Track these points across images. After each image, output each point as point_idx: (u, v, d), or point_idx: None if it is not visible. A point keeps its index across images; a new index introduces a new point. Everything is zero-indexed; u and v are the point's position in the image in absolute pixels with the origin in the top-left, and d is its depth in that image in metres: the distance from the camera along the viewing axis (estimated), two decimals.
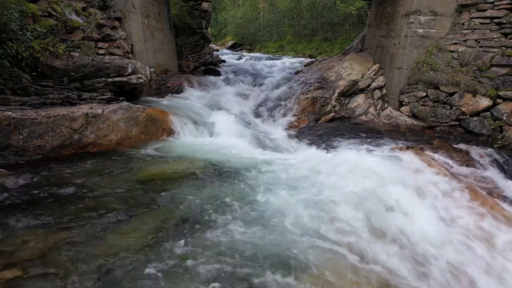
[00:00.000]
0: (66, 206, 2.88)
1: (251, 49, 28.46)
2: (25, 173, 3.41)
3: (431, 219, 3.34)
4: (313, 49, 21.86)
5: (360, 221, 3.09)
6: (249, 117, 7.33)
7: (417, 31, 6.80)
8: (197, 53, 11.85)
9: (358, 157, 4.50)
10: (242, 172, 3.94)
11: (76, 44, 5.39)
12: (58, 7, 5.34)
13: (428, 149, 5.19)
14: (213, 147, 4.94)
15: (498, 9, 6.15)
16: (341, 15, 20.69)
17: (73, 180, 3.37)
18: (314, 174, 3.91)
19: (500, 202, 3.92)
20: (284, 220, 2.99)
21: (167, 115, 5.28)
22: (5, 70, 4.36)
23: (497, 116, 5.72)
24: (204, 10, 11.70)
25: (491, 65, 5.96)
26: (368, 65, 8.42)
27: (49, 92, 4.86)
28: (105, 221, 2.73)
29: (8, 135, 3.69)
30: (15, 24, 4.37)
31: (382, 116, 7.38)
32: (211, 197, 3.28)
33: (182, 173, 3.80)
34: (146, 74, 6.71)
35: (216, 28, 38.26)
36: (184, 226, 2.77)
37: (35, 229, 2.53)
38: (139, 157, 4.23)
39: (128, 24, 6.75)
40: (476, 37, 6.30)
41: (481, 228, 3.36)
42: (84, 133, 4.25)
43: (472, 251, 3.06)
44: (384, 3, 8.27)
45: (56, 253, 2.29)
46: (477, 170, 4.86)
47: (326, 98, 7.52)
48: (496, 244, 3.19)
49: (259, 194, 3.42)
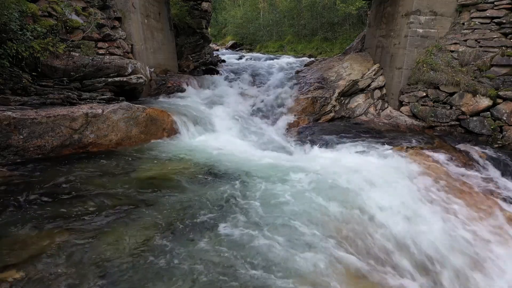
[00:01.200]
0: (65, 206, 2.88)
1: (251, 49, 28.43)
2: (25, 173, 3.41)
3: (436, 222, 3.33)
4: (313, 49, 21.85)
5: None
6: (249, 116, 7.32)
7: (417, 31, 6.80)
8: (197, 53, 11.84)
9: (357, 157, 4.50)
10: (241, 172, 3.94)
11: (76, 44, 5.39)
12: (58, 7, 5.33)
13: (428, 149, 5.19)
14: (213, 146, 4.94)
15: (498, 9, 6.14)
16: (341, 15, 20.67)
17: (73, 180, 3.37)
18: (313, 173, 3.91)
19: (500, 202, 3.93)
20: (284, 220, 2.99)
21: (167, 115, 5.28)
22: (5, 70, 4.36)
23: (497, 116, 5.72)
24: (204, 10, 11.69)
25: (491, 65, 5.95)
26: (368, 65, 8.42)
27: (49, 92, 4.86)
28: (105, 221, 2.73)
29: (8, 135, 3.69)
30: (15, 24, 4.37)
31: (382, 116, 7.38)
32: (211, 196, 3.28)
33: (182, 173, 3.80)
34: (146, 74, 6.71)
35: (216, 28, 38.24)
36: (184, 226, 2.77)
37: (35, 229, 2.53)
38: (139, 157, 4.23)
39: (128, 24, 6.74)
40: (476, 37, 6.30)
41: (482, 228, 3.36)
42: (84, 133, 4.25)
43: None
44: (384, 3, 8.27)
45: (56, 253, 2.29)
46: (477, 170, 4.86)
47: (326, 98, 7.51)
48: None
49: (259, 194, 3.42)
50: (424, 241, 3.03)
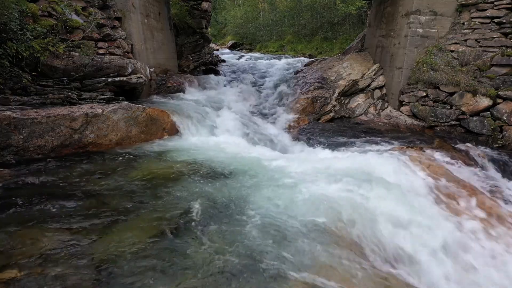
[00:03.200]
0: (65, 206, 2.88)
1: (251, 49, 28.41)
2: (25, 172, 3.41)
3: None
4: (313, 49, 21.84)
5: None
6: (249, 116, 7.32)
7: (417, 30, 6.80)
8: (197, 53, 11.83)
9: (357, 157, 4.50)
10: (241, 172, 3.94)
11: (76, 44, 5.39)
12: (58, 6, 5.33)
13: (428, 149, 5.19)
14: (212, 146, 4.94)
15: (498, 9, 6.15)
16: (341, 15, 20.67)
17: (73, 180, 3.37)
18: (312, 173, 3.92)
19: (500, 202, 3.93)
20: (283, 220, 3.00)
21: (167, 115, 5.28)
22: (5, 70, 4.36)
23: (497, 116, 5.72)
24: (204, 9, 11.68)
25: (491, 65, 5.96)
26: (368, 65, 8.42)
27: (49, 92, 4.86)
28: (105, 221, 2.72)
29: (8, 135, 3.70)
30: (15, 24, 4.37)
31: (382, 116, 7.38)
32: (211, 196, 3.28)
33: (182, 172, 3.80)
34: (146, 74, 6.71)
35: (216, 28, 38.22)
36: (184, 225, 2.77)
37: (35, 229, 2.53)
38: (139, 157, 4.23)
39: (128, 24, 6.74)
40: (476, 37, 6.30)
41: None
42: (84, 133, 4.25)
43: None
44: (384, 3, 8.27)
45: (56, 253, 2.29)
46: (477, 170, 4.86)
47: (326, 98, 7.52)
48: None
49: (260, 193, 3.42)
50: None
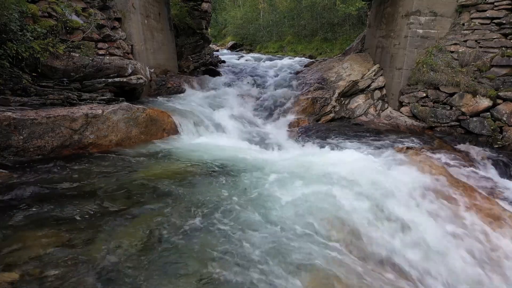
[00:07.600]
0: (65, 207, 2.88)
1: (251, 50, 28.44)
2: (25, 173, 3.41)
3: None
4: (313, 50, 21.86)
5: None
6: (249, 117, 7.32)
7: (417, 31, 6.80)
8: (197, 53, 11.84)
9: (357, 158, 4.50)
10: (241, 172, 3.93)
11: (76, 45, 5.39)
12: (58, 7, 5.33)
13: (428, 150, 5.19)
14: (212, 147, 4.94)
15: (498, 10, 6.15)
16: (341, 16, 20.69)
17: (73, 181, 3.37)
18: (311, 173, 3.92)
19: (500, 202, 3.92)
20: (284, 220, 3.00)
21: (167, 115, 5.28)
22: (5, 70, 4.36)
23: (497, 117, 5.72)
24: (204, 10, 11.70)
25: (491, 66, 5.96)
26: (368, 66, 8.42)
27: (49, 92, 4.86)
28: (106, 221, 2.72)
29: (8, 136, 3.69)
30: (15, 25, 4.36)
31: (382, 117, 7.38)
32: (211, 196, 3.28)
33: (182, 173, 3.80)
34: (146, 75, 6.71)
35: (216, 29, 38.26)
36: (184, 225, 2.77)
37: (35, 230, 2.53)
38: (139, 157, 4.23)
39: (128, 24, 6.75)
40: (476, 37, 6.31)
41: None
42: (84, 134, 4.25)
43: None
44: (384, 4, 8.27)
45: (56, 254, 2.29)
46: (477, 170, 4.86)
47: (326, 98, 7.52)
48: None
49: (259, 193, 3.42)
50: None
